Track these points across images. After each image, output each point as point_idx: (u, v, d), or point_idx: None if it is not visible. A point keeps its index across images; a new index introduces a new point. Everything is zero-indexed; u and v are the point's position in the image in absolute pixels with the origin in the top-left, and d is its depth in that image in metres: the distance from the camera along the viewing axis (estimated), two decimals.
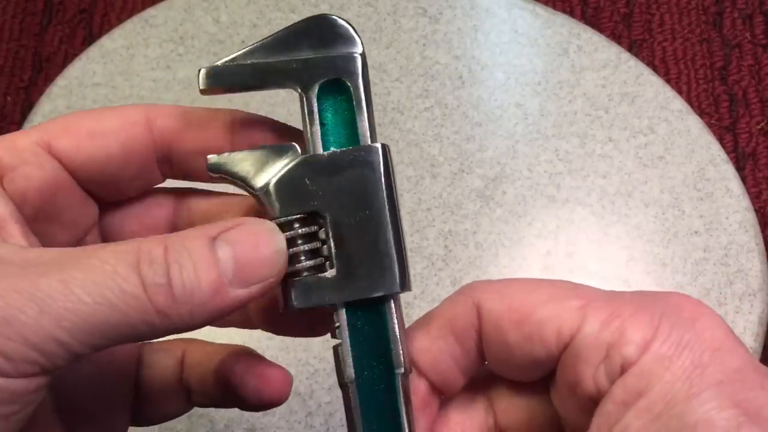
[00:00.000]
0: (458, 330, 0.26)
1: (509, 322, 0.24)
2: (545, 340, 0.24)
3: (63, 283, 0.21)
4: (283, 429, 0.46)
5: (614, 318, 0.23)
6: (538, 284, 0.25)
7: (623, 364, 0.23)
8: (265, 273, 0.23)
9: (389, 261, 0.24)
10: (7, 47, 0.61)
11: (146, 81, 0.55)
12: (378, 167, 0.24)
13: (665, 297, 0.25)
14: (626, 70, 0.55)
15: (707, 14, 0.61)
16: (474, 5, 0.57)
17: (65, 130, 0.26)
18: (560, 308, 0.24)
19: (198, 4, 0.57)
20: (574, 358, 0.24)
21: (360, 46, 0.25)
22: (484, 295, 0.25)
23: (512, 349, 0.25)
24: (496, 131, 0.53)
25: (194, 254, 0.22)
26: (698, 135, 0.53)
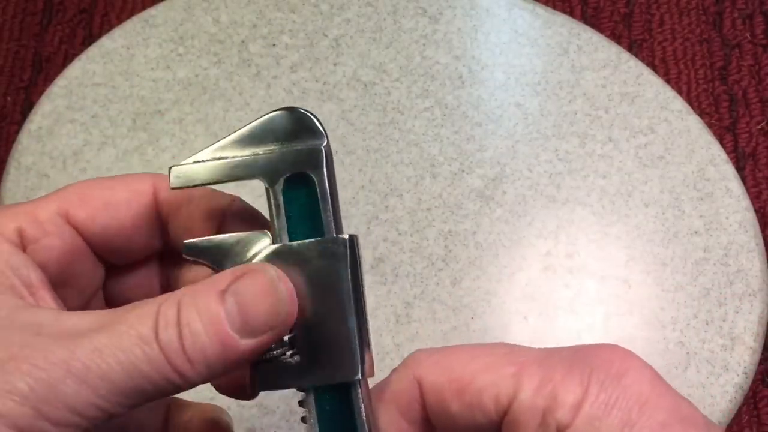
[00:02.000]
0: (402, 406, 0.27)
1: (450, 393, 0.26)
2: (485, 408, 0.25)
3: (96, 353, 0.23)
4: (283, 429, 0.46)
5: (547, 382, 0.25)
6: (476, 352, 0.26)
7: (558, 427, 0.24)
8: (272, 321, 0.25)
9: (352, 349, 0.25)
10: (7, 47, 0.61)
11: (146, 81, 0.55)
12: (344, 258, 0.26)
13: (595, 352, 0.26)
14: (626, 70, 0.55)
15: (707, 14, 0.61)
16: (474, 5, 0.57)
17: (82, 201, 0.28)
18: (497, 376, 0.25)
19: (198, 4, 0.57)
20: (513, 424, 0.25)
21: (324, 138, 0.26)
22: (424, 369, 0.26)
23: (456, 418, 0.26)
24: (496, 131, 0.53)
25: (202, 311, 0.24)
26: (698, 135, 0.53)
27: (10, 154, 0.53)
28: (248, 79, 0.55)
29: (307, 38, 0.56)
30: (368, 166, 0.52)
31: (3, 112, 0.59)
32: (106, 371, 0.23)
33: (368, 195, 0.51)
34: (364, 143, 0.52)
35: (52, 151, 0.53)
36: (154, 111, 0.54)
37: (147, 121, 0.53)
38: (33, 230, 0.27)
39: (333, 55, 0.55)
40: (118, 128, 0.53)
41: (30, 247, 0.27)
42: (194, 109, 0.54)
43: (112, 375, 0.23)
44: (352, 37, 0.56)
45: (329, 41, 0.56)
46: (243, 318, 0.24)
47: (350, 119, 0.53)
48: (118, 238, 0.28)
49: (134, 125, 0.53)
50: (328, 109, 0.53)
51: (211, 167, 0.27)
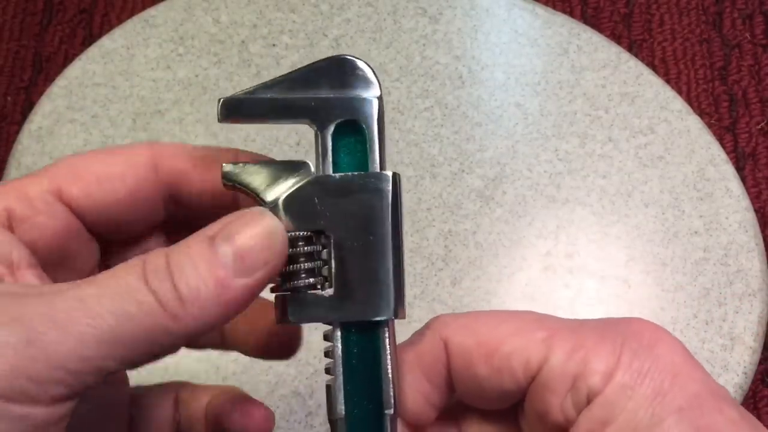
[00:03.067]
0: (426, 366, 0.26)
1: (478, 356, 0.25)
2: (514, 372, 0.25)
3: (79, 301, 0.21)
4: (283, 429, 0.46)
5: (578, 348, 0.24)
6: (504, 317, 0.26)
7: (589, 394, 0.24)
8: (266, 256, 0.24)
9: (386, 288, 0.25)
10: (7, 47, 0.61)
11: (146, 81, 0.55)
12: (387, 195, 0.25)
13: (626, 324, 0.25)
14: (626, 70, 0.55)
15: (707, 14, 0.61)
16: (474, 5, 0.57)
17: (75, 177, 0.27)
18: (527, 340, 0.25)
19: (198, 4, 0.57)
20: (542, 389, 0.25)
21: (378, 89, 0.26)
22: (451, 331, 0.26)
23: (482, 382, 0.26)
24: (496, 131, 0.53)
25: (194, 255, 0.23)
26: (698, 135, 0.53)
27: (11, 154, 0.53)
28: (248, 79, 0.55)
29: (307, 38, 0.56)
30: None
31: (3, 112, 0.59)
32: (93, 319, 0.21)
33: None
34: None
35: (52, 151, 0.53)
36: (155, 111, 0.54)
37: (147, 121, 0.53)
38: (22, 209, 0.26)
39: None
40: (119, 128, 0.53)
41: (20, 227, 0.26)
42: (194, 109, 0.54)
43: (99, 322, 0.21)
44: (352, 37, 0.56)
45: (329, 41, 0.56)
46: (236, 256, 0.23)
47: None
48: (115, 214, 0.27)
49: (134, 125, 0.53)
50: None
51: (260, 104, 0.26)
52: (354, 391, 0.25)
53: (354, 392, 0.25)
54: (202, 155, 0.28)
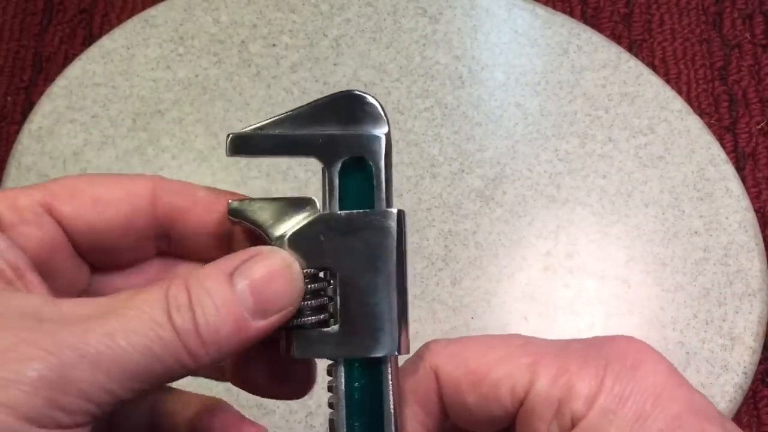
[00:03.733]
0: (420, 396, 0.27)
1: (466, 385, 0.26)
2: (501, 399, 0.25)
3: (108, 337, 0.22)
4: (283, 429, 0.46)
5: (563, 373, 0.25)
6: (492, 343, 0.26)
7: (573, 419, 0.24)
8: (284, 302, 0.24)
9: (390, 324, 0.25)
10: (7, 47, 0.61)
11: (146, 81, 0.55)
12: (392, 233, 0.25)
13: (610, 344, 0.26)
14: (626, 70, 0.55)
15: (707, 14, 0.61)
16: (474, 5, 0.57)
17: (70, 195, 0.27)
18: (512, 367, 0.25)
19: (198, 4, 0.57)
20: (529, 415, 0.25)
21: (386, 126, 0.26)
22: (440, 360, 0.26)
23: (471, 409, 0.26)
24: (496, 131, 0.53)
25: (214, 294, 0.23)
26: (698, 135, 0.53)
27: (11, 154, 0.53)
28: (248, 79, 0.55)
29: (307, 38, 0.56)
30: None
31: (3, 112, 0.59)
32: (120, 355, 0.22)
33: None
34: None
35: (52, 151, 0.53)
36: (154, 111, 0.54)
37: (147, 121, 0.53)
38: (10, 215, 0.26)
39: (333, 55, 0.55)
40: (119, 128, 0.53)
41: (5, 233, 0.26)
42: (194, 109, 0.54)
43: (125, 358, 0.22)
44: (352, 37, 0.56)
45: (329, 41, 0.56)
46: (256, 299, 0.24)
47: None
48: (105, 239, 0.27)
49: (134, 125, 0.53)
50: None
51: (270, 139, 0.26)
52: (356, 426, 0.26)
53: (356, 427, 0.26)
54: (204, 195, 0.28)
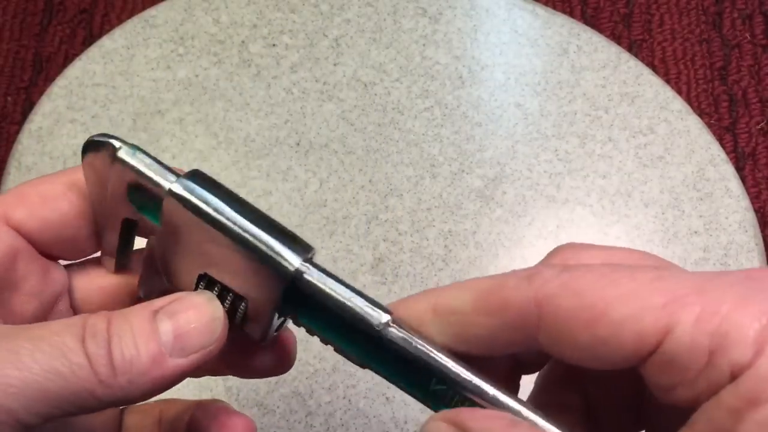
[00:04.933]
0: (509, 320, 0.23)
1: (579, 322, 0.22)
2: (623, 344, 0.21)
3: (12, 353, 0.22)
4: (283, 429, 0.46)
5: (711, 315, 0.20)
6: (613, 276, 0.22)
7: (733, 372, 0.20)
8: (204, 341, 0.24)
9: (274, 250, 0.25)
10: (7, 47, 0.61)
11: (146, 81, 0.55)
12: (187, 203, 0.25)
13: (766, 277, 0.21)
14: (626, 70, 0.55)
15: (707, 14, 0.61)
16: (474, 5, 0.57)
17: (19, 200, 0.27)
18: (641, 307, 0.21)
19: (198, 5, 0.57)
20: (664, 366, 0.21)
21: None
22: (549, 288, 0.22)
23: (582, 351, 0.22)
24: (496, 131, 0.53)
25: (135, 327, 0.23)
26: (698, 135, 0.53)
27: (11, 154, 0.53)
28: (248, 79, 0.55)
29: (307, 38, 0.56)
30: (368, 166, 0.52)
31: (3, 112, 0.59)
32: (22, 371, 0.21)
33: (368, 195, 0.51)
34: (364, 143, 0.53)
35: (52, 151, 0.53)
36: (155, 111, 0.54)
37: (147, 121, 0.53)
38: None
39: (333, 55, 0.55)
40: (119, 128, 0.53)
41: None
42: (194, 109, 0.54)
43: (28, 376, 0.21)
44: (352, 37, 0.56)
45: (329, 41, 0.56)
46: (177, 337, 0.23)
47: (350, 119, 0.53)
48: (62, 232, 0.27)
49: (134, 125, 0.53)
50: (328, 109, 0.53)
51: None
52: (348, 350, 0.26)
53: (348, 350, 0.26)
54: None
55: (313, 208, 0.51)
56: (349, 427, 0.46)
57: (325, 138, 0.52)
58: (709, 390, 0.20)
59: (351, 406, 0.46)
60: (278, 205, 0.51)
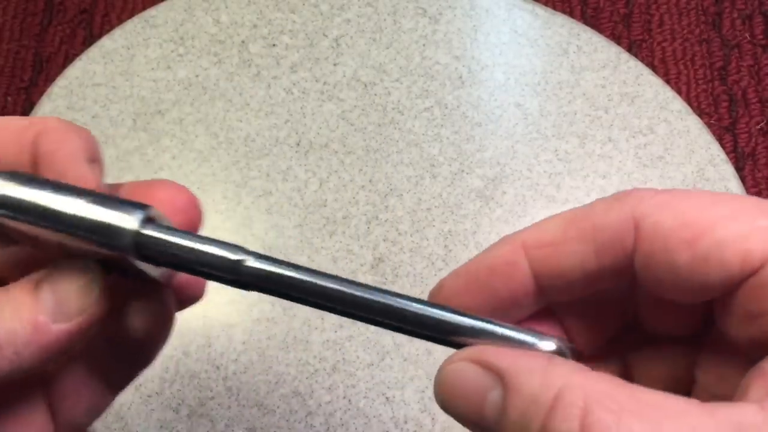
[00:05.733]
0: (603, 242, 0.22)
1: (679, 240, 0.21)
2: (726, 263, 0.20)
3: None
4: (284, 428, 0.46)
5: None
6: (716, 198, 0.21)
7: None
8: (84, 303, 0.24)
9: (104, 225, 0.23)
10: (7, 48, 0.61)
11: (146, 81, 0.55)
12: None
13: None
14: (626, 70, 0.55)
15: (707, 15, 0.61)
16: (474, 5, 0.57)
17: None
18: (746, 226, 0.20)
19: (198, 5, 0.57)
20: (762, 287, 0.20)
21: None
22: (647, 207, 0.21)
23: (680, 270, 0.21)
24: (495, 131, 0.53)
25: (16, 299, 0.24)
26: (698, 135, 0.53)
27: None
28: (248, 79, 0.55)
29: (307, 38, 0.56)
30: (368, 166, 0.52)
31: (3, 112, 0.59)
32: None
33: (368, 195, 0.51)
34: (364, 143, 0.53)
35: None
36: (155, 111, 0.54)
37: (147, 121, 0.53)
38: None
39: (333, 56, 0.55)
40: (119, 128, 0.53)
41: None
42: (194, 110, 0.54)
43: None
44: (352, 37, 0.56)
45: (329, 41, 0.56)
46: (56, 303, 0.24)
47: (350, 119, 0.53)
48: None
49: (135, 125, 0.53)
50: (328, 109, 0.53)
51: None
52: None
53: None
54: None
55: (313, 208, 0.51)
56: (349, 427, 0.46)
57: (325, 138, 0.52)
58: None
59: (351, 406, 0.46)
60: (278, 205, 0.51)
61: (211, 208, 0.51)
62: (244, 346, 0.47)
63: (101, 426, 0.45)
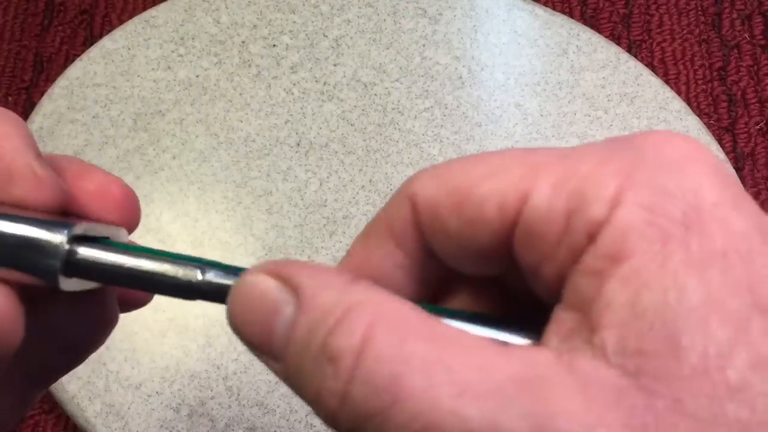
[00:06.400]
0: (397, 233, 0.21)
1: (447, 208, 0.20)
2: (487, 220, 0.19)
3: None
4: (284, 428, 0.46)
5: (569, 178, 0.18)
6: (481, 159, 0.20)
7: (589, 230, 0.18)
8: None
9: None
10: (8, 48, 0.61)
11: (147, 81, 0.55)
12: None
13: (641, 139, 0.19)
14: (625, 70, 0.55)
15: (706, 15, 0.61)
16: (474, 6, 0.57)
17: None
18: (502, 180, 0.19)
19: (198, 5, 0.57)
20: (527, 238, 0.19)
21: None
22: (418, 184, 0.21)
23: (455, 238, 0.20)
24: (495, 132, 0.53)
25: None
26: (697, 135, 0.53)
27: None
28: (249, 79, 0.55)
29: (307, 39, 0.56)
30: (368, 166, 0.52)
31: None
32: None
33: (368, 195, 0.51)
34: (364, 143, 0.53)
35: (53, 151, 0.53)
36: (155, 111, 0.54)
37: (148, 121, 0.54)
38: None
39: (333, 56, 0.55)
40: (119, 128, 0.53)
41: None
42: (195, 110, 0.54)
43: None
44: (352, 37, 0.56)
45: (329, 42, 0.56)
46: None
47: (350, 119, 0.53)
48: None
49: (135, 125, 0.53)
50: (328, 109, 0.53)
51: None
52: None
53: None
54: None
55: (313, 208, 0.51)
56: None
57: (325, 138, 0.52)
58: (571, 259, 0.18)
59: None
60: (278, 205, 0.51)
61: (211, 208, 0.51)
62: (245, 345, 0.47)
63: (101, 425, 0.46)
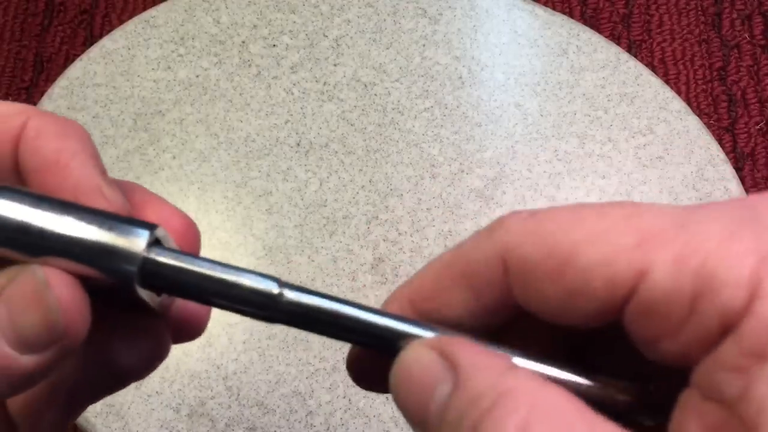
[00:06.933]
0: (478, 284, 0.20)
1: (545, 273, 0.18)
2: (594, 294, 0.18)
3: None
4: (284, 428, 0.46)
5: (693, 253, 0.17)
6: (580, 216, 0.19)
7: (724, 320, 0.16)
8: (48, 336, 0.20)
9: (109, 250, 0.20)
10: (8, 48, 0.61)
11: (147, 81, 0.55)
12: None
13: (764, 207, 0.17)
14: (625, 70, 0.55)
15: (706, 15, 0.61)
16: (474, 6, 0.57)
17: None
18: (609, 248, 0.18)
19: (199, 5, 0.57)
20: (644, 314, 0.17)
21: None
22: (513, 237, 0.19)
23: (553, 306, 0.19)
24: (495, 132, 0.53)
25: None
26: (697, 135, 0.53)
27: None
28: (249, 79, 0.55)
29: (307, 39, 0.56)
30: (368, 166, 0.52)
31: None
32: None
33: (368, 195, 0.51)
34: (364, 143, 0.53)
35: None
36: (155, 111, 0.54)
37: (148, 121, 0.54)
38: None
39: (333, 56, 0.55)
40: (119, 128, 0.53)
41: None
42: (195, 110, 0.54)
43: None
44: (353, 37, 0.56)
45: (329, 42, 0.56)
46: (14, 331, 0.19)
47: (350, 119, 0.53)
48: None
49: (135, 125, 0.53)
50: (328, 109, 0.53)
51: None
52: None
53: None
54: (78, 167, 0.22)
55: (313, 208, 0.51)
56: (349, 427, 0.46)
57: (325, 138, 0.52)
58: (698, 343, 0.17)
59: (351, 405, 0.46)
60: (278, 205, 0.51)
61: (211, 208, 0.51)
62: (245, 345, 0.47)
63: (101, 425, 0.46)
